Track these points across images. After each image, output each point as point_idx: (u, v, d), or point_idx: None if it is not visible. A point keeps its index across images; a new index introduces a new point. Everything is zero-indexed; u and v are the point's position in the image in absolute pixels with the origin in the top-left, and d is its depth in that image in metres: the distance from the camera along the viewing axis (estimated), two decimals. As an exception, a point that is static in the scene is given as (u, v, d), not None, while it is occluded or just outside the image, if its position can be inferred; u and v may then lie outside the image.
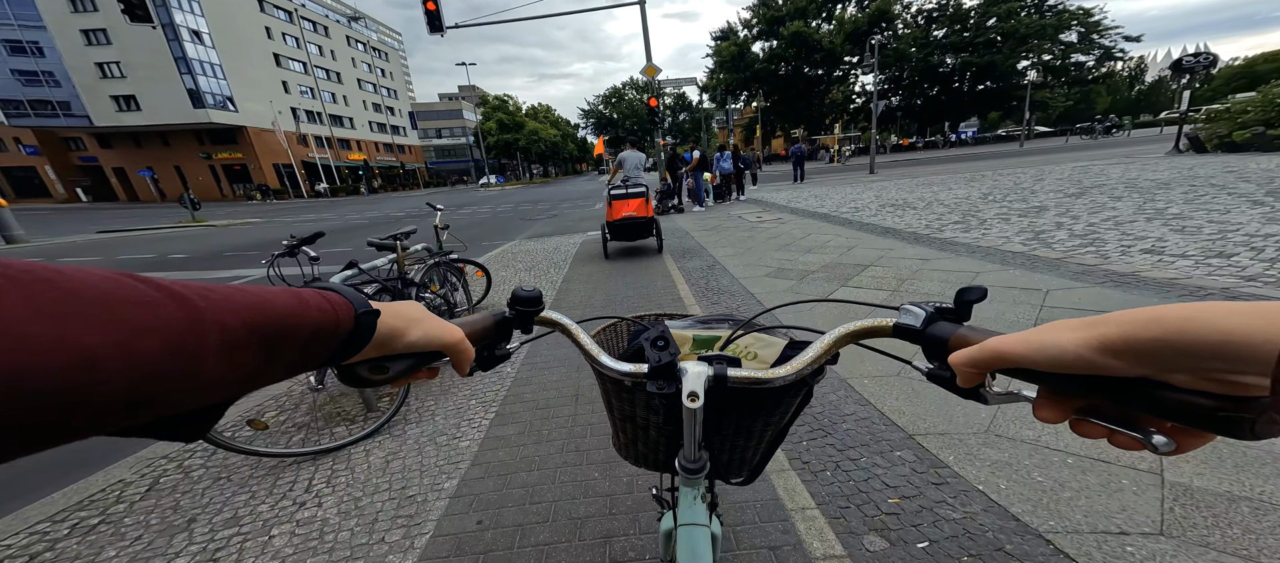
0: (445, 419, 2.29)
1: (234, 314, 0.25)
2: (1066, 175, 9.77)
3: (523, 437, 2.08)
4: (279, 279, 2.97)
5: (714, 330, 0.69)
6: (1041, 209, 6.22)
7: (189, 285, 0.24)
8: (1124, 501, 1.41)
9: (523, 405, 2.36)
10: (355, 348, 0.34)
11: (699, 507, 0.56)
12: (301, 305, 0.29)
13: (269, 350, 0.27)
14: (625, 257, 6.21)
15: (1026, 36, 32.23)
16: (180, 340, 0.22)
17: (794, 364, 0.48)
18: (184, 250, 10.52)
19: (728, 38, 41.09)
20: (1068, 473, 1.54)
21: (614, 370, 0.51)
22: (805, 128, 39.81)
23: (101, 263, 8.64)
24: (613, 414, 0.65)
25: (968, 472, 1.60)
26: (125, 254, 10.38)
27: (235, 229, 15.05)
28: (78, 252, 11.28)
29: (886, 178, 14.55)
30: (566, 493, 1.69)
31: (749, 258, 5.32)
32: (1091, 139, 28.29)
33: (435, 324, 0.40)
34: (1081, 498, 1.43)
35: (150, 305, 0.21)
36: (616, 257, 6.22)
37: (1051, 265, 3.74)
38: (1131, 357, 0.24)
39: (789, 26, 36.07)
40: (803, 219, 7.65)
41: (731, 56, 39.13)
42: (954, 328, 0.38)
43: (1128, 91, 77.71)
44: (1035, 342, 0.28)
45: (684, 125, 70.11)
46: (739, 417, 0.57)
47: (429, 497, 1.74)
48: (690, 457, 0.54)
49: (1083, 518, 1.37)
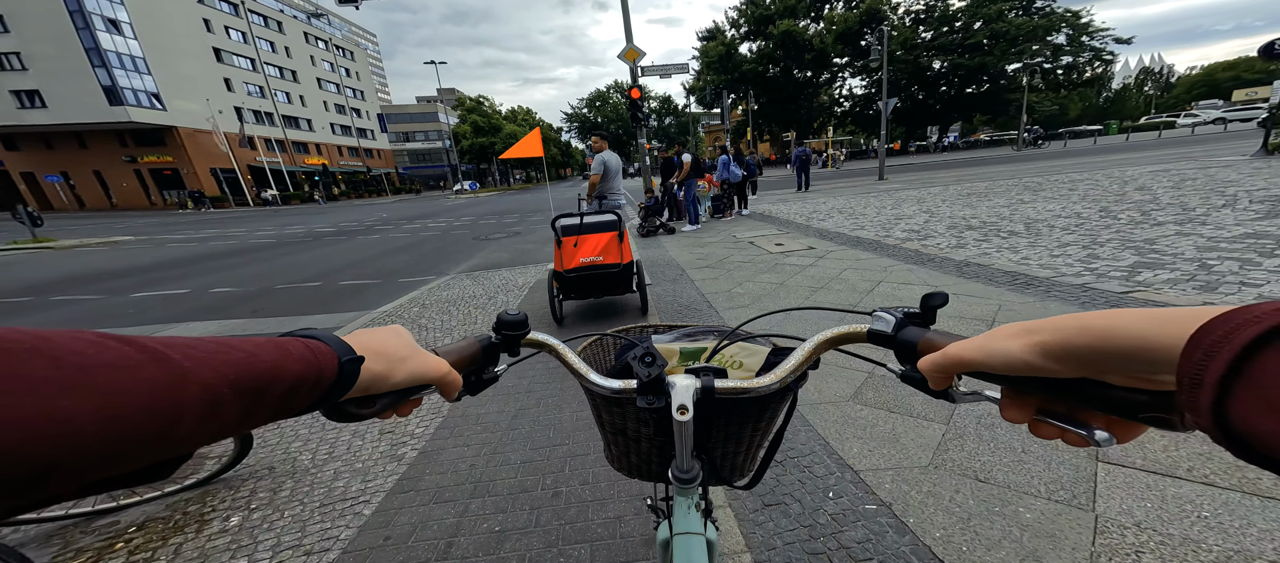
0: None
1: (216, 371, 0.25)
2: (1172, 180, 7.79)
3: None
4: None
5: (700, 342, 0.69)
6: (1257, 237, 4.05)
7: (171, 342, 0.24)
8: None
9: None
10: (337, 395, 0.33)
11: (694, 516, 0.56)
12: (283, 357, 0.29)
13: (248, 404, 0.27)
14: (591, 318, 3.81)
15: (1015, 38, 31.34)
16: (159, 401, 0.22)
17: (778, 372, 0.50)
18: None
19: (714, 38, 39.30)
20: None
21: (604, 388, 0.52)
22: (795, 130, 38.24)
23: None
24: (604, 429, 0.66)
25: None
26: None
27: (86, 252, 11.76)
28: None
29: (903, 184, 12.56)
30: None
31: (796, 331, 2.95)
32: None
33: (421, 360, 0.40)
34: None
35: (131, 368, 0.21)
36: (575, 321, 3.81)
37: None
38: (1070, 361, 0.26)
39: (778, 25, 34.49)
40: (845, 249, 5.38)
41: (718, 57, 37.32)
42: (922, 333, 0.40)
43: (1096, 98, 79.82)
44: (987, 347, 0.30)
45: (669, 129, 68.28)
46: (727, 425, 0.58)
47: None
48: (682, 467, 0.54)
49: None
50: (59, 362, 0.19)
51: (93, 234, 16.19)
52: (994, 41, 32.16)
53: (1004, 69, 33.03)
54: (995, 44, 32.11)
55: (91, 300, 6.16)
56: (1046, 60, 31.91)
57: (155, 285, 6.91)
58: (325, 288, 6.07)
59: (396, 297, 5.39)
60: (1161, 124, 35.46)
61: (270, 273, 7.35)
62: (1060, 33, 31.46)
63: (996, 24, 31.49)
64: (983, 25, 32.55)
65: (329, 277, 6.79)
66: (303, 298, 5.60)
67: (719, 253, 6.00)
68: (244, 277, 7.16)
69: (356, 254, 8.96)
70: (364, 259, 8.28)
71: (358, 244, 10.48)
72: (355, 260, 8.17)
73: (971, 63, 32.72)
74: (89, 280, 7.61)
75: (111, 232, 17.14)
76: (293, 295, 5.75)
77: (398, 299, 5.21)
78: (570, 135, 75.32)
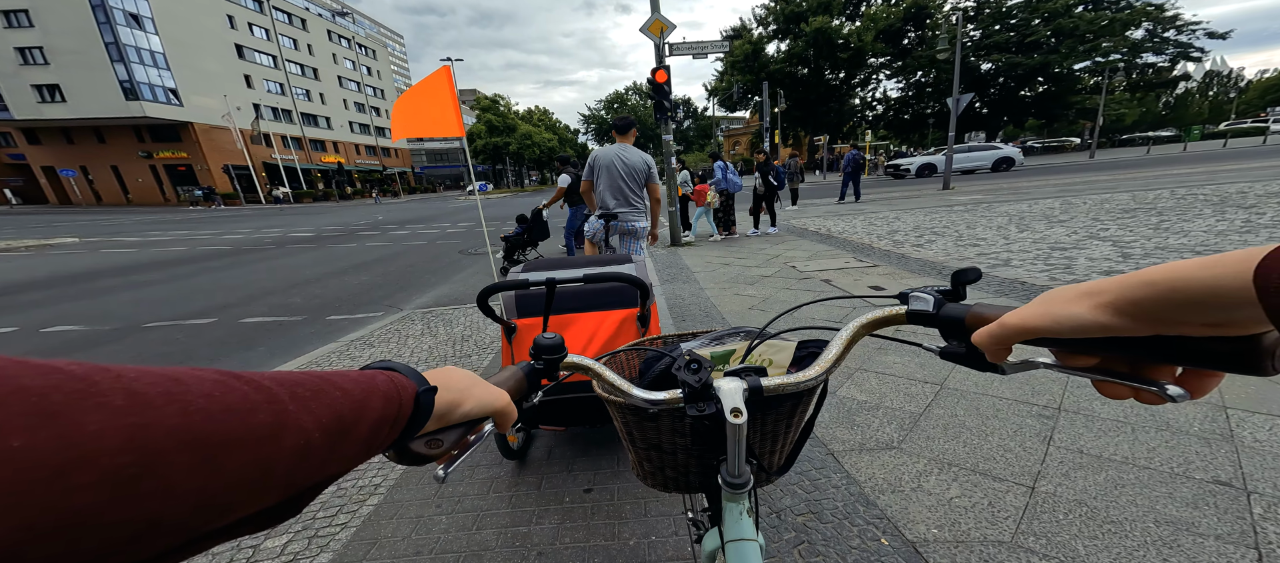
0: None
1: (312, 415, 0.23)
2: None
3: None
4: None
5: (727, 345, 0.69)
6: None
7: (280, 379, 0.22)
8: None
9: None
10: (413, 431, 0.32)
11: (746, 521, 0.55)
12: (367, 392, 0.28)
13: (333, 445, 0.24)
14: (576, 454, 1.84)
15: (1084, 34, 27.96)
16: (261, 450, 0.20)
17: (820, 364, 0.51)
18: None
19: (740, 36, 37.12)
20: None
21: (648, 401, 0.51)
22: (826, 134, 35.64)
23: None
24: (633, 445, 0.65)
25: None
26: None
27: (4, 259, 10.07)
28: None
29: (981, 196, 10.18)
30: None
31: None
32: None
33: (485, 390, 0.39)
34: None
35: (244, 413, 0.20)
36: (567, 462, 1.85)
37: None
38: (1143, 318, 0.26)
39: (811, 22, 32.05)
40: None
41: (744, 56, 35.11)
42: (966, 307, 0.39)
43: (1155, 104, 74.08)
44: (1051, 313, 0.29)
45: (688, 133, 66.08)
46: (765, 423, 0.59)
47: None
48: (735, 472, 0.53)
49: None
50: (188, 411, 0.18)
51: (39, 235, 14.49)
52: (1059, 38, 28.88)
53: (1069, 69, 29.62)
54: (1060, 42, 28.81)
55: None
56: (1123, 59, 28.37)
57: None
58: (215, 329, 4.27)
59: (310, 346, 3.58)
60: (1249, 131, 31.23)
61: (166, 300, 5.59)
62: (1139, 27, 27.92)
63: (1063, 20, 28.22)
64: (1043, 21, 29.37)
65: (242, 306, 5.02)
66: (160, 347, 3.81)
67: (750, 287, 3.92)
68: (122, 305, 5.37)
69: (309, 269, 7.23)
70: (310, 278, 6.53)
71: (323, 255, 8.79)
72: (299, 280, 6.42)
73: (1031, 62, 29.44)
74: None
75: (58, 232, 15.48)
76: (148, 343, 3.95)
77: (308, 352, 3.39)
78: (587, 137, 73.95)
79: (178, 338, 4.10)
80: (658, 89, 7.10)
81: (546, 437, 2.14)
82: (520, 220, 5.77)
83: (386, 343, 3.53)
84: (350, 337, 3.75)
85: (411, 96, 3.78)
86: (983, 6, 32.81)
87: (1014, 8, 31.20)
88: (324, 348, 3.52)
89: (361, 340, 3.62)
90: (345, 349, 3.45)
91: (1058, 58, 28.70)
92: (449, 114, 3.67)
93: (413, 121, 3.80)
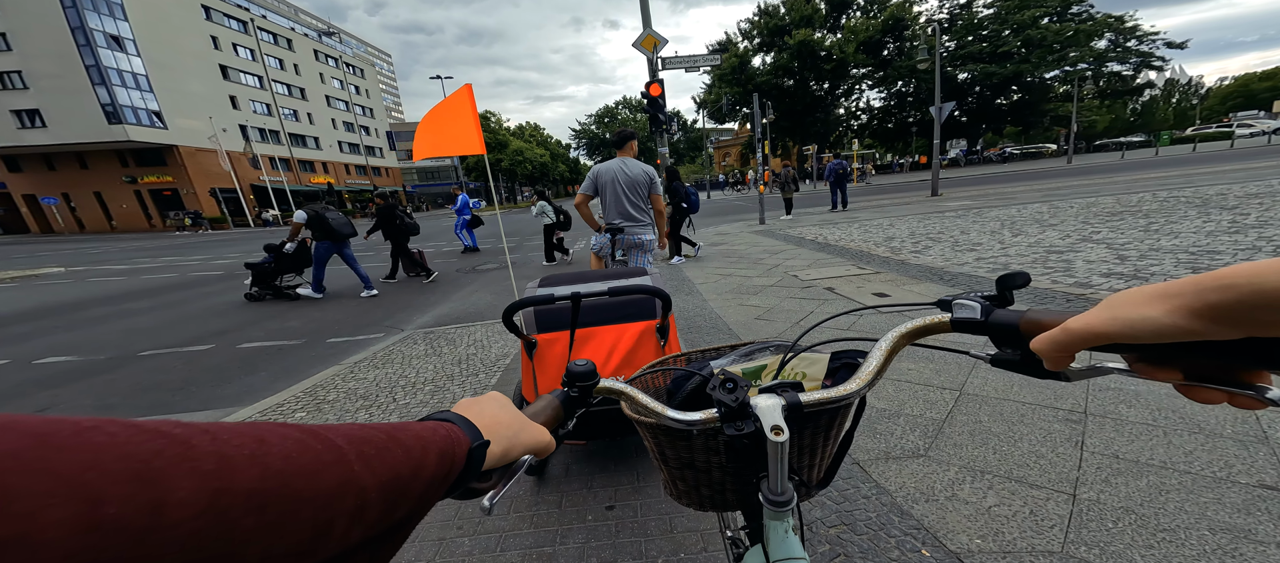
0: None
1: (373, 475, 0.23)
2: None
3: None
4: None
5: (758, 361, 0.67)
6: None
7: (351, 435, 0.23)
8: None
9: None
10: (463, 483, 0.32)
11: (792, 540, 0.54)
12: (424, 449, 0.27)
13: (389, 506, 0.24)
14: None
15: (1052, 44, 29.20)
16: (324, 510, 0.20)
17: (861, 377, 0.49)
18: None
19: (726, 50, 37.99)
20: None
21: (685, 422, 0.50)
22: (815, 144, 36.40)
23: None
24: (666, 465, 0.63)
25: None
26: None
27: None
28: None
29: (969, 201, 10.44)
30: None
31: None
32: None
33: (529, 431, 0.40)
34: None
35: (314, 475, 0.20)
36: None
37: None
38: (1225, 321, 0.24)
39: (794, 36, 32.96)
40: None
41: (731, 69, 35.89)
42: (1018, 313, 0.37)
43: (1123, 111, 76.96)
44: (1122, 318, 0.28)
45: (679, 145, 66.95)
46: (803, 438, 0.57)
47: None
48: (777, 490, 0.51)
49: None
50: (267, 473, 0.18)
51: (22, 265, 13.72)
52: (1028, 49, 30.10)
53: (1041, 78, 30.77)
54: (1030, 52, 30.03)
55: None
56: (1090, 68, 29.61)
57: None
58: (212, 356, 4.15)
59: (312, 369, 3.52)
60: (1215, 135, 32.57)
61: (159, 327, 5.43)
62: (1102, 38, 29.24)
63: (1031, 31, 29.44)
64: (1013, 33, 30.59)
65: (239, 331, 4.88)
66: (157, 376, 3.68)
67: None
68: (115, 334, 5.12)
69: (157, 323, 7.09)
70: (306, 300, 6.38)
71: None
72: (295, 303, 6.28)
73: (1005, 71, 30.58)
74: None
75: (43, 261, 14.88)
76: (144, 372, 3.83)
77: (312, 376, 3.34)
78: (579, 152, 74.50)
79: (175, 366, 3.97)
80: (653, 103, 7.21)
81: (563, 452, 2.11)
82: (268, 249, 6.34)
83: (390, 364, 3.46)
84: (353, 359, 3.67)
85: (436, 116, 3.78)
86: (955, 18, 34.06)
87: (985, 19, 32.43)
88: (328, 371, 3.44)
89: (365, 362, 3.55)
90: (349, 371, 3.38)
91: (1029, 67, 29.84)
92: (471, 132, 3.67)
93: (436, 141, 3.77)
